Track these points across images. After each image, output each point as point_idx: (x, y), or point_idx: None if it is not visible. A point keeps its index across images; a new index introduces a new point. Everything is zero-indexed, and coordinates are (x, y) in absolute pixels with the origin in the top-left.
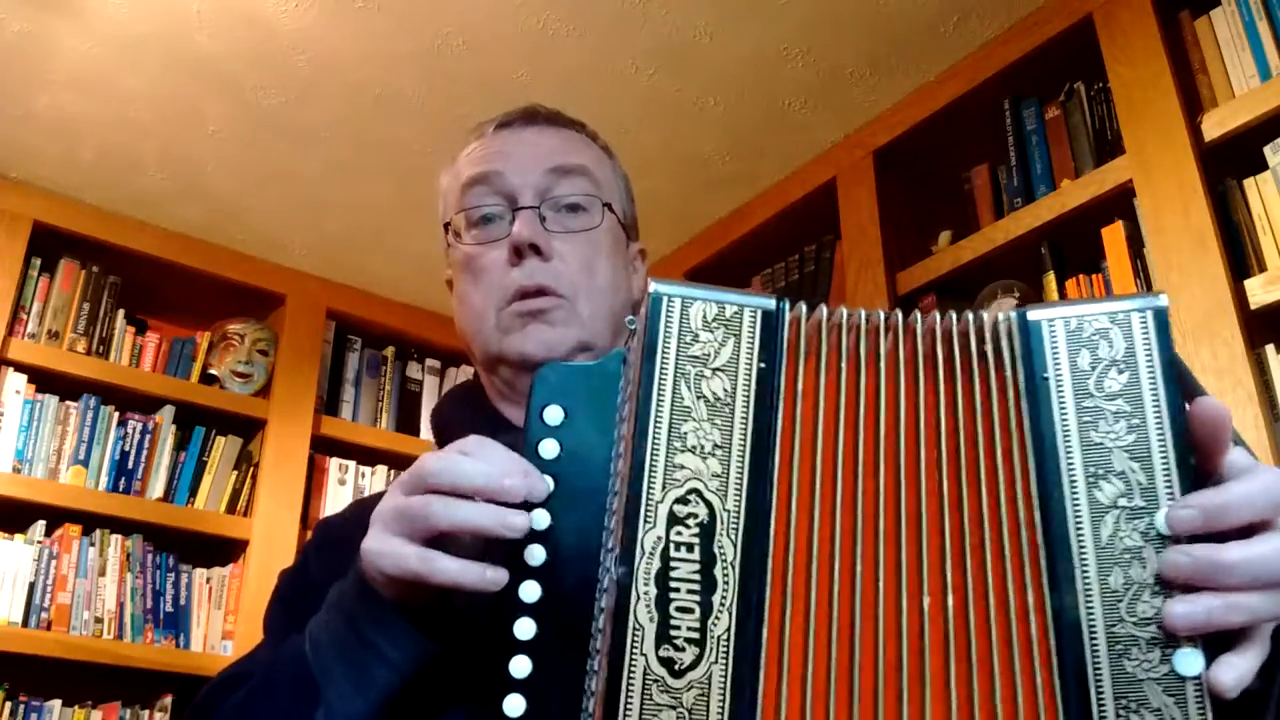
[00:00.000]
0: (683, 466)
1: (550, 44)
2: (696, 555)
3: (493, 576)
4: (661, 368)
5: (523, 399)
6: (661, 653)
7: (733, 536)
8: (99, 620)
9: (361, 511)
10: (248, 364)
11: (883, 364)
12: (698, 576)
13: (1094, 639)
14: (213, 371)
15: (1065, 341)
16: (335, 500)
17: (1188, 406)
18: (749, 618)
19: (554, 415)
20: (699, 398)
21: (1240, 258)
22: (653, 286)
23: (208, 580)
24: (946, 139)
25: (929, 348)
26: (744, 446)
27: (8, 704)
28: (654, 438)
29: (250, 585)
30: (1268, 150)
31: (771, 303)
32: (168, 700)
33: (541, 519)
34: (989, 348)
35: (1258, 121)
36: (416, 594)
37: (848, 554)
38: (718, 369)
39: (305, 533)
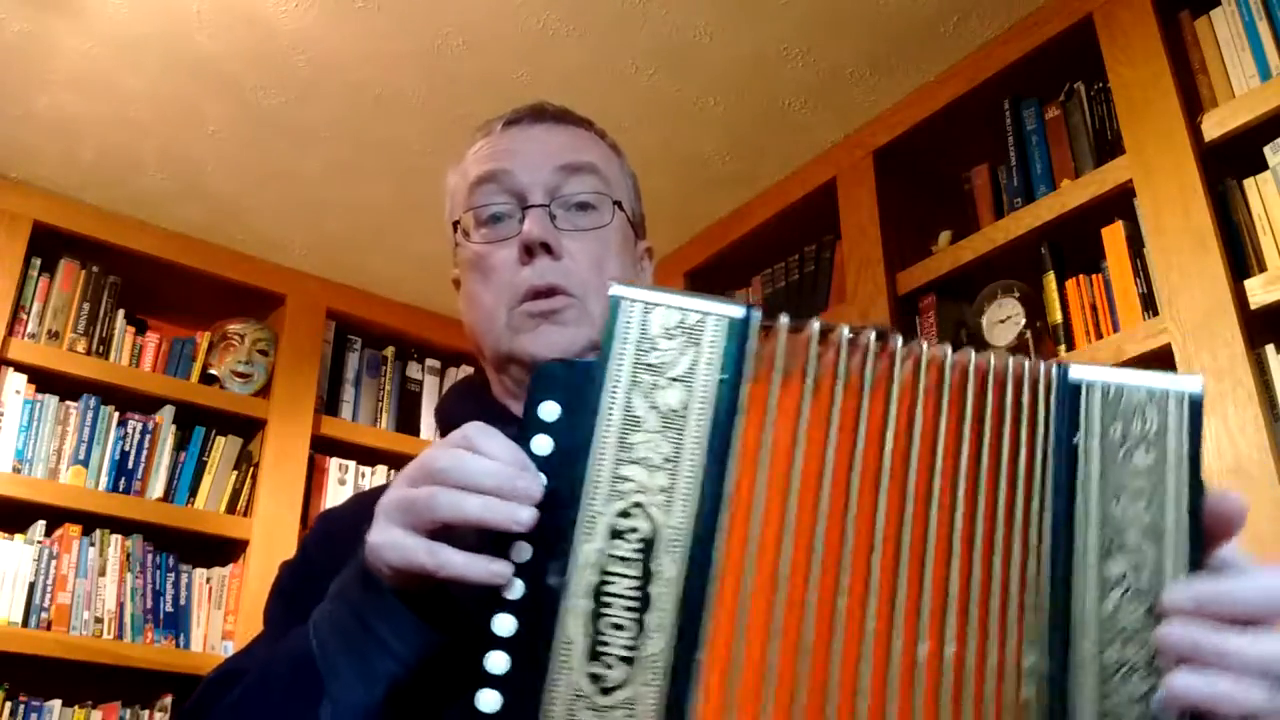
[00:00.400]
0: (628, 479)
1: (550, 44)
2: (635, 574)
3: (498, 569)
4: (615, 375)
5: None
6: (591, 669)
7: (674, 555)
8: (99, 620)
9: (363, 504)
10: (248, 364)
11: (895, 390)
12: (635, 593)
13: (1080, 709)
14: (213, 371)
15: (1100, 409)
16: (335, 500)
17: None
18: (683, 640)
19: (550, 411)
20: (652, 408)
21: (1240, 258)
22: (614, 290)
23: (208, 580)
24: (946, 139)
25: (957, 380)
26: (695, 463)
27: (8, 704)
28: (599, 448)
29: (250, 585)
30: (1268, 150)
31: (741, 311)
32: (168, 700)
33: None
34: (1025, 398)
35: (1258, 121)
36: (419, 585)
37: (800, 580)
38: (675, 379)
39: (305, 532)
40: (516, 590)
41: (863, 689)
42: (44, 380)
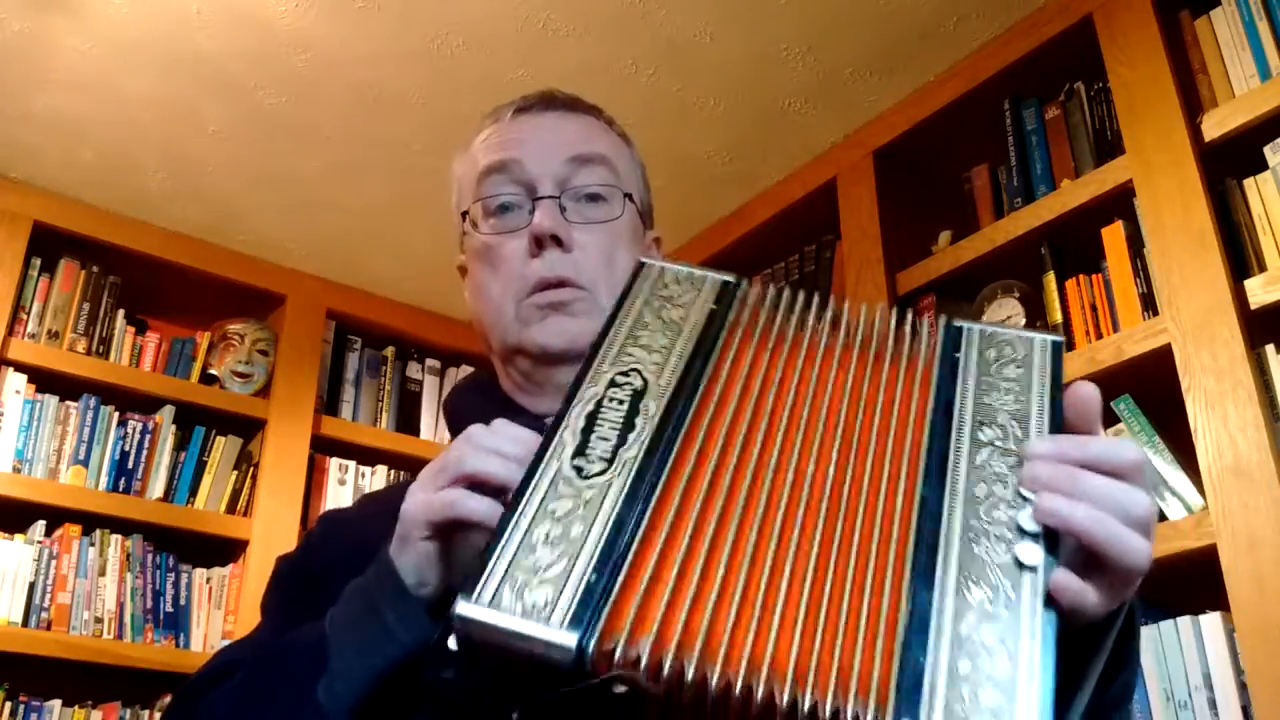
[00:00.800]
0: (631, 354)
1: (550, 44)
2: (624, 409)
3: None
4: (632, 300)
5: (540, 389)
6: (575, 462)
7: (658, 400)
8: (99, 620)
9: (368, 506)
10: (248, 364)
11: (821, 352)
12: (621, 420)
13: (950, 525)
14: (213, 371)
15: (979, 340)
16: (335, 501)
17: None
18: (656, 452)
19: None
20: (657, 317)
21: (1240, 258)
22: (640, 259)
23: (208, 580)
24: (946, 139)
25: (863, 337)
26: (685, 350)
27: (8, 704)
28: (613, 336)
29: (250, 585)
30: (1268, 150)
31: (732, 277)
32: (168, 700)
33: None
34: (910, 332)
35: (1258, 121)
36: (443, 541)
37: (755, 431)
38: (678, 305)
39: (307, 531)
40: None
41: (772, 503)
42: (44, 380)
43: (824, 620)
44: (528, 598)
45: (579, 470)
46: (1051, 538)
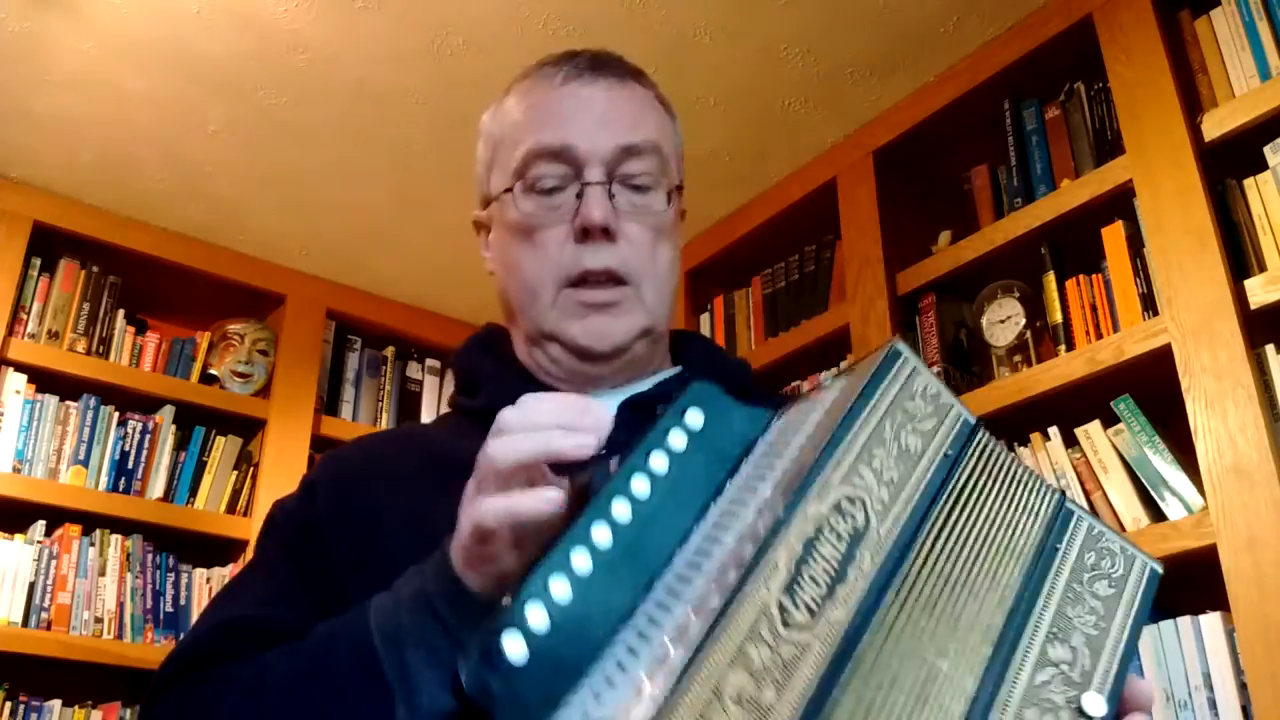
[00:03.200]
0: (861, 477)
1: (550, 44)
2: (841, 549)
3: (550, 496)
4: (878, 400)
5: (568, 377)
6: (781, 599)
7: (874, 555)
8: (99, 620)
9: (371, 451)
10: (248, 364)
11: (995, 495)
12: (836, 563)
13: None
14: (213, 371)
15: (1084, 537)
16: None
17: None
18: (856, 625)
19: (694, 420)
20: (895, 439)
21: (1240, 258)
22: (896, 344)
23: (208, 580)
24: (946, 139)
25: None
26: (911, 498)
27: (8, 704)
28: (850, 441)
29: None
30: (1268, 150)
31: (972, 418)
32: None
33: (641, 489)
34: (1032, 501)
35: (1258, 121)
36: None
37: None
38: (918, 431)
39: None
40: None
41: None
42: (44, 380)
43: None
44: None
45: (783, 612)
46: None
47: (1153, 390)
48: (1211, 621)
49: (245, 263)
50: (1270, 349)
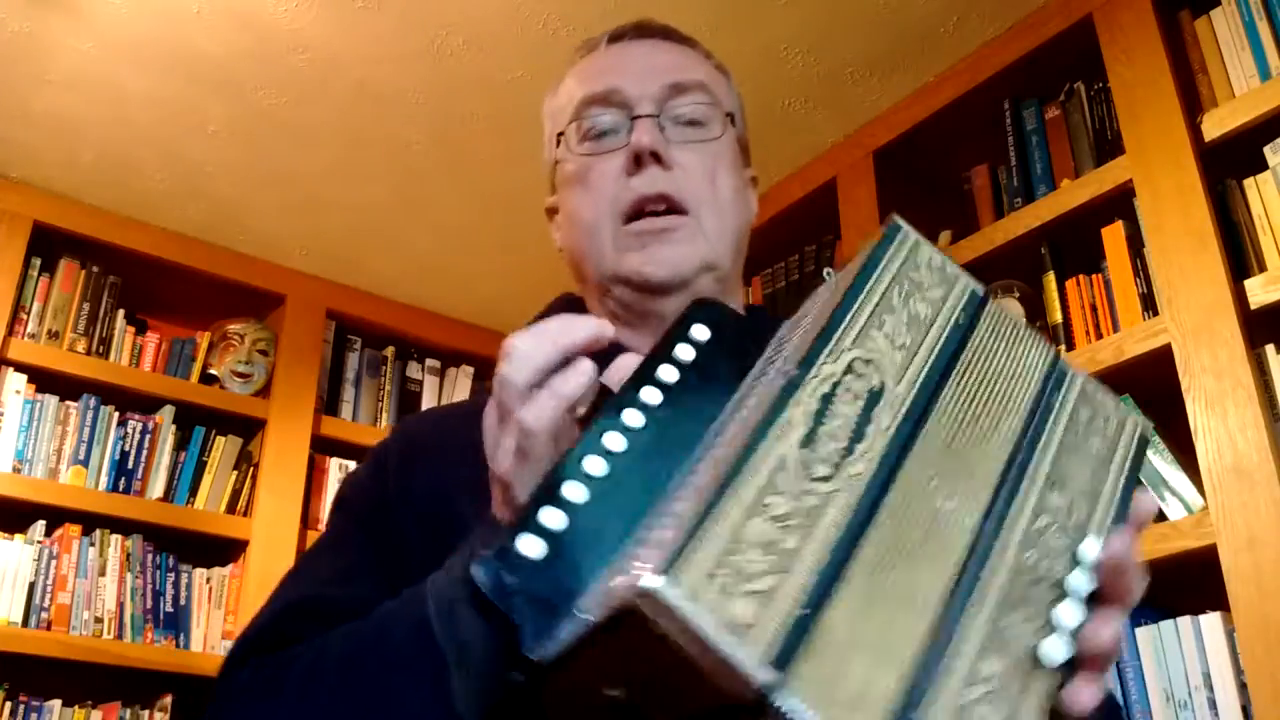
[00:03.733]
0: (873, 340)
1: (550, 43)
2: (858, 407)
3: (583, 368)
4: (883, 269)
5: (639, 321)
6: (802, 452)
7: (892, 414)
8: (99, 620)
9: (444, 425)
10: (248, 364)
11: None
12: (854, 421)
13: (991, 578)
14: (213, 371)
15: (1078, 393)
16: None
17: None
18: (878, 479)
19: (700, 332)
20: (904, 306)
21: (1240, 258)
22: (897, 219)
23: (208, 580)
24: (946, 139)
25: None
26: (925, 362)
27: (8, 704)
28: (859, 306)
29: (250, 585)
30: (1268, 150)
31: (980, 288)
32: (168, 700)
33: (652, 396)
34: (1032, 359)
35: (1258, 121)
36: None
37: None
38: (926, 299)
39: (305, 533)
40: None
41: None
42: (44, 380)
43: None
44: (731, 607)
45: (804, 465)
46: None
47: (1153, 390)
48: (1211, 621)
49: (245, 263)
50: (1270, 349)
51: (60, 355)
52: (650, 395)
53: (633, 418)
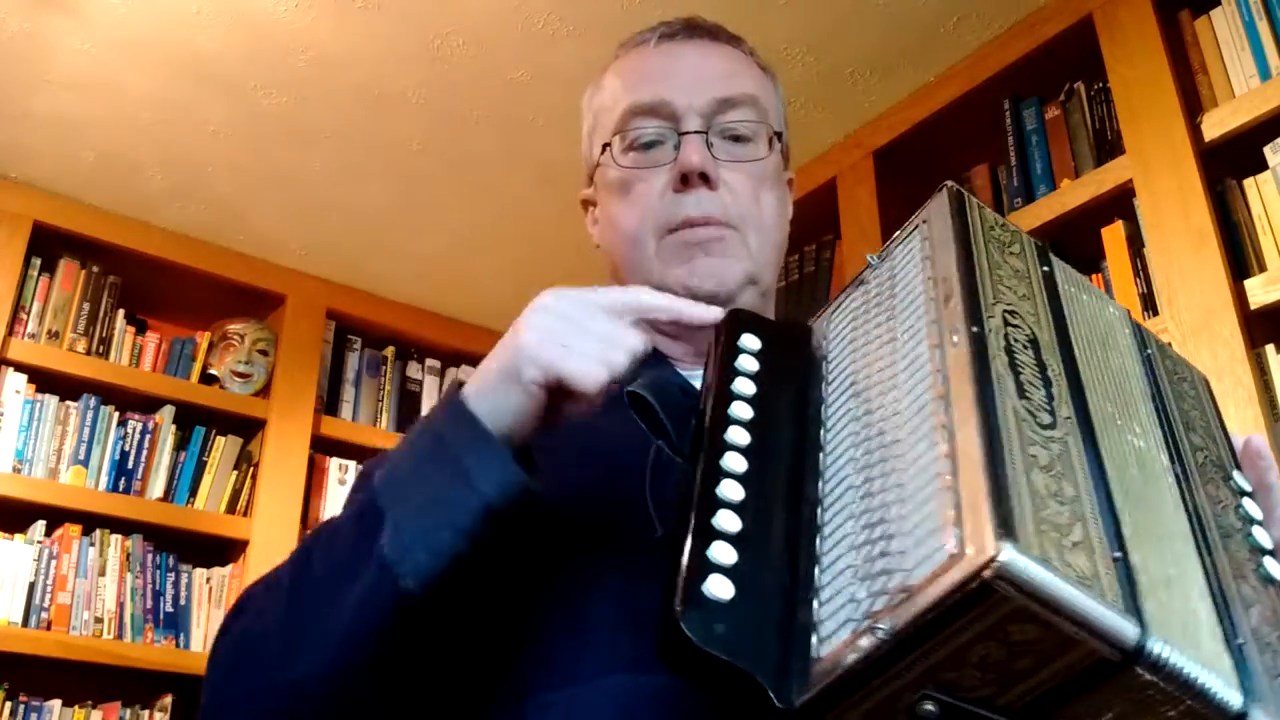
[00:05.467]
0: (1004, 293)
1: (550, 44)
2: (1031, 356)
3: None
4: (973, 229)
5: (681, 330)
6: (1021, 404)
7: (1055, 359)
8: (99, 620)
9: None
10: (248, 364)
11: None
12: (1036, 370)
13: (1195, 496)
14: (213, 371)
15: (1157, 348)
16: (335, 500)
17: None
18: (1085, 423)
19: (751, 342)
20: (1005, 262)
21: (1240, 258)
22: (949, 185)
23: (208, 580)
24: (946, 139)
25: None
26: (1045, 310)
27: (8, 704)
28: (979, 259)
29: None
30: (1268, 150)
31: (1040, 242)
32: (168, 700)
33: (746, 398)
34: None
35: (1258, 121)
36: (538, 426)
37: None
38: (1015, 254)
39: (305, 533)
40: (739, 464)
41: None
42: (44, 380)
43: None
44: (1075, 562)
45: (1032, 415)
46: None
47: None
48: None
49: (245, 263)
50: (1270, 349)
51: (60, 355)
52: (741, 410)
53: (738, 435)
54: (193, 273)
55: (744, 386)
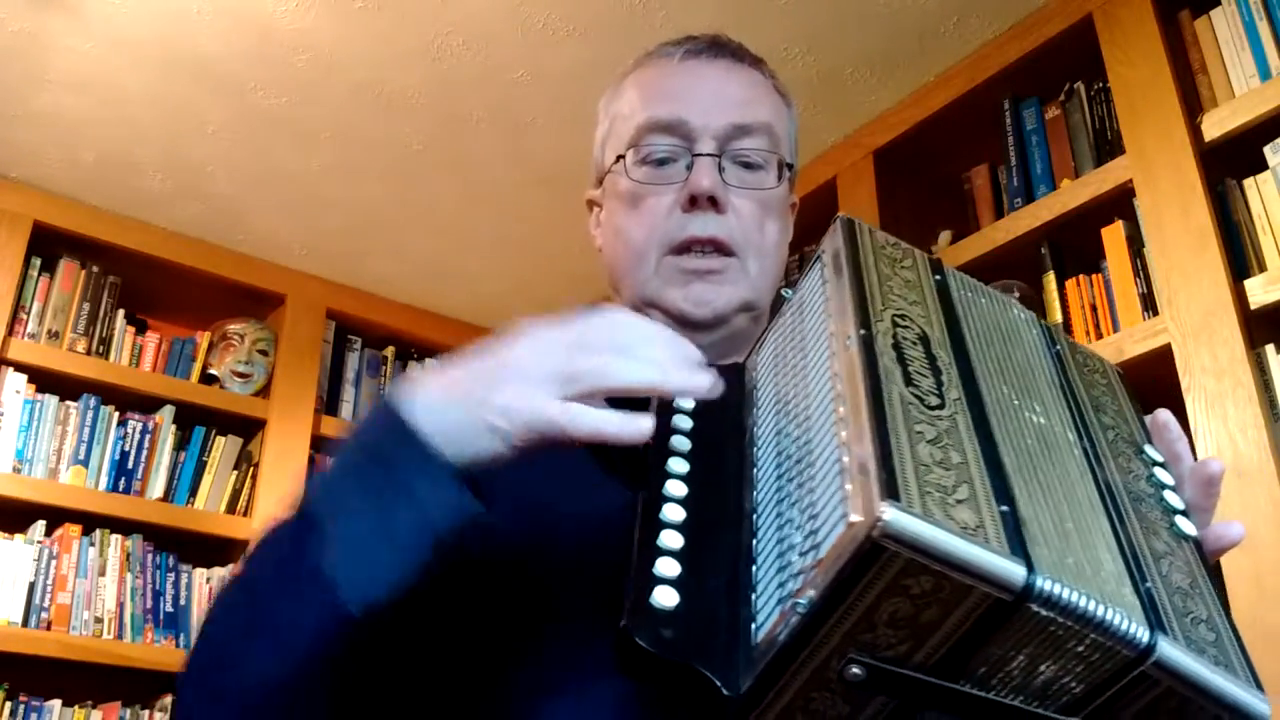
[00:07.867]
0: (894, 301)
1: (550, 44)
2: (920, 350)
3: (643, 425)
4: (863, 252)
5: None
6: (908, 390)
7: (945, 352)
8: (99, 620)
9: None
10: (248, 364)
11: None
12: (925, 360)
13: (1108, 471)
14: (213, 371)
15: (1067, 345)
16: None
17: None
18: (975, 403)
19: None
20: (894, 275)
21: (1240, 258)
22: (842, 216)
23: (208, 580)
24: (946, 139)
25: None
26: (937, 312)
27: (8, 704)
28: (868, 275)
29: None
30: (1268, 150)
31: (934, 257)
32: (168, 700)
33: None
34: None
35: (1258, 121)
36: (495, 458)
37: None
38: (906, 268)
39: None
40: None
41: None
42: (44, 380)
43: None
44: (959, 515)
45: (919, 399)
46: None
47: (1153, 390)
48: None
49: (245, 263)
50: (1270, 349)
51: (60, 355)
52: (680, 443)
53: (677, 464)
54: (193, 273)
55: (683, 423)
